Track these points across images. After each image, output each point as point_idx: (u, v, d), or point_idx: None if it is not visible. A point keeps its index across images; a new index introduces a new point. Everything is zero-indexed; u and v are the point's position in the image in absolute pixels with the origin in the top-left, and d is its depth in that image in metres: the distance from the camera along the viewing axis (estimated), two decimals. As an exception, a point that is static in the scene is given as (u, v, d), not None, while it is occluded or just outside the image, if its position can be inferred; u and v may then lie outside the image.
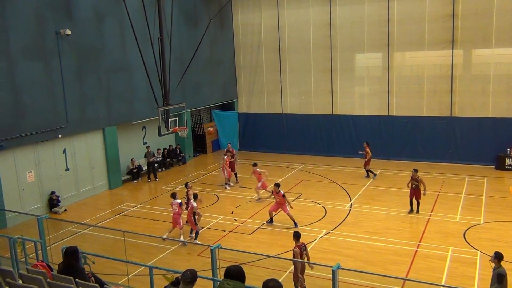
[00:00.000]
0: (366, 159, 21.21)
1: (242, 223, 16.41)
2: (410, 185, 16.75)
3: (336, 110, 25.87)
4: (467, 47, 22.68)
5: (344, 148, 25.52)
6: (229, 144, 21.99)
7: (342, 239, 14.77)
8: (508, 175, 21.13)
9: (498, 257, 9.86)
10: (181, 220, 14.91)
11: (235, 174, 21.37)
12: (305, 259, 11.11)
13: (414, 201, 16.67)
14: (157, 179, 22.36)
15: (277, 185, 16.09)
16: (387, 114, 24.59)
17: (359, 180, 21.14)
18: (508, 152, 21.76)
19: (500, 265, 9.87)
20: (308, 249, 11.63)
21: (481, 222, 15.75)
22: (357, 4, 24.39)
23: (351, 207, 17.70)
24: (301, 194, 19.46)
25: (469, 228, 15.25)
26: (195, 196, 15.26)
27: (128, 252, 12.22)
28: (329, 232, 15.32)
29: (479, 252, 13.46)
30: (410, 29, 23.40)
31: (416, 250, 13.84)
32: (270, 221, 16.13)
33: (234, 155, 21.43)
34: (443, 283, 11.73)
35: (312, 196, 19.05)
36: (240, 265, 5.99)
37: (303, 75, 26.45)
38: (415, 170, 16.73)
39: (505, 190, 19.27)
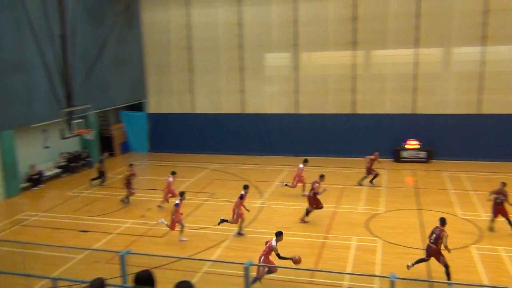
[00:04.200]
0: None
1: (154, 226, 16.06)
2: (491, 199, 14.78)
3: (247, 109, 26.26)
4: (367, 48, 24.20)
5: (255, 146, 26.00)
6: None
7: (254, 236, 15.02)
8: (404, 166, 22.88)
9: None
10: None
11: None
12: None
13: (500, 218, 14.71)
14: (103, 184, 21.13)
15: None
16: (295, 112, 25.44)
17: (270, 177, 21.65)
18: (404, 146, 23.58)
19: None
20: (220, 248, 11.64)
21: (382, 211, 16.91)
22: (264, 5, 24.94)
23: (263, 204, 18.07)
24: (214, 193, 19.49)
25: (371, 217, 16.30)
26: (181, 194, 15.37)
27: (28, 265, 11.41)
28: (241, 230, 15.49)
29: (380, 239, 14.44)
30: (315, 30, 24.42)
31: (324, 242, 14.50)
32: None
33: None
34: (347, 271, 12.43)
35: (225, 195, 19.15)
36: (151, 270, 5.88)
37: (214, 74, 26.50)
38: (504, 184, 14.81)
39: (402, 181, 20.85)
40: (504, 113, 22.77)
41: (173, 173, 18.33)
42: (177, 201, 14.97)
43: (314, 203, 16.08)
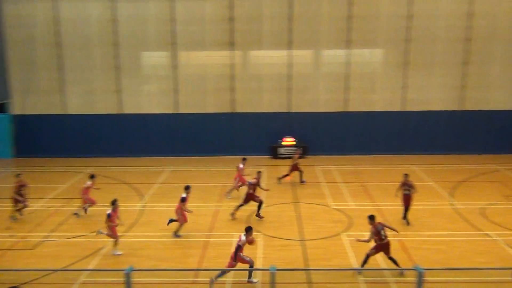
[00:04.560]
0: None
1: (22, 239, 14.68)
2: (400, 191, 15.82)
3: (124, 109, 25.28)
4: (244, 49, 24.84)
5: (134, 147, 25.20)
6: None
7: (136, 240, 14.58)
8: (281, 163, 23.92)
9: None
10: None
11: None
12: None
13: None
14: None
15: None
16: (175, 112, 25.18)
17: (150, 179, 21.15)
18: (280, 143, 24.74)
19: None
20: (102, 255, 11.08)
21: (262, 207, 17.45)
22: (140, 2, 24.22)
23: (144, 207, 17.59)
24: (91, 198, 18.46)
25: (252, 213, 16.79)
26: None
27: None
28: (121, 235, 14.91)
29: (261, 233, 14.96)
30: (193, 29, 24.40)
31: (207, 241, 14.60)
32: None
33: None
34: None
35: (103, 200, 18.11)
36: (19, 286, 5.39)
37: (87, 73, 25.00)
38: (407, 175, 15.93)
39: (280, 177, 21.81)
40: (367, 110, 25.06)
41: (92, 177, 17.01)
42: (109, 211, 13.73)
43: (252, 199, 16.38)
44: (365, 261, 12.33)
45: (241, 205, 16.40)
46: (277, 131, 24.92)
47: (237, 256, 11.68)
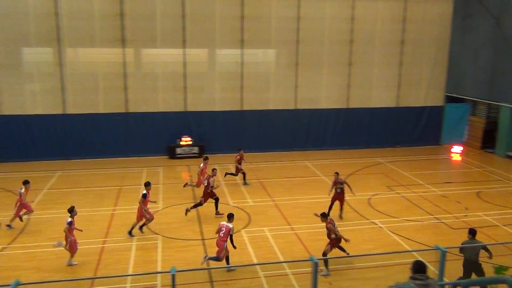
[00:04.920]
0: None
1: None
2: (333, 189, 16.15)
3: (3, 109, 23.04)
4: (137, 46, 24.06)
5: (16, 151, 23.06)
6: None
7: (21, 252, 13.44)
8: (179, 163, 23.67)
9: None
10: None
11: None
12: None
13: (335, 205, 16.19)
14: None
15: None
16: (63, 112, 23.55)
17: (37, 185, 19.51)
18: (178, 142, 24.40)
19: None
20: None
21: (160, 208, 17.14)
22: (17, -7, 22.25)
23: (30, 215, 16.17)
24: (-35, 210, 16.61)
25: (157, 214, 16.33)
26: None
27: None
28: (5, 247, 13.65)
29: (159, 236, 14.64)
30: (80, 25, 22.98)
31: (103, 247, 13.92)
32: None
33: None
34: (129, 273, 12.24)
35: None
36: None
37: (-44, 71, 22.38)
38: (337, 173, 16.35)
39: (178, 177, 21.53)
40: (262, 109, 25.71)
41: (26, 183, 15.29)
42: (69, 219, 12.69)
43: (210, 197, 16.24)
44: (326, 261, 12.29)
45: (199, 204, 16.20)
46: (174, 130, 24.52)
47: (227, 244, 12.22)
